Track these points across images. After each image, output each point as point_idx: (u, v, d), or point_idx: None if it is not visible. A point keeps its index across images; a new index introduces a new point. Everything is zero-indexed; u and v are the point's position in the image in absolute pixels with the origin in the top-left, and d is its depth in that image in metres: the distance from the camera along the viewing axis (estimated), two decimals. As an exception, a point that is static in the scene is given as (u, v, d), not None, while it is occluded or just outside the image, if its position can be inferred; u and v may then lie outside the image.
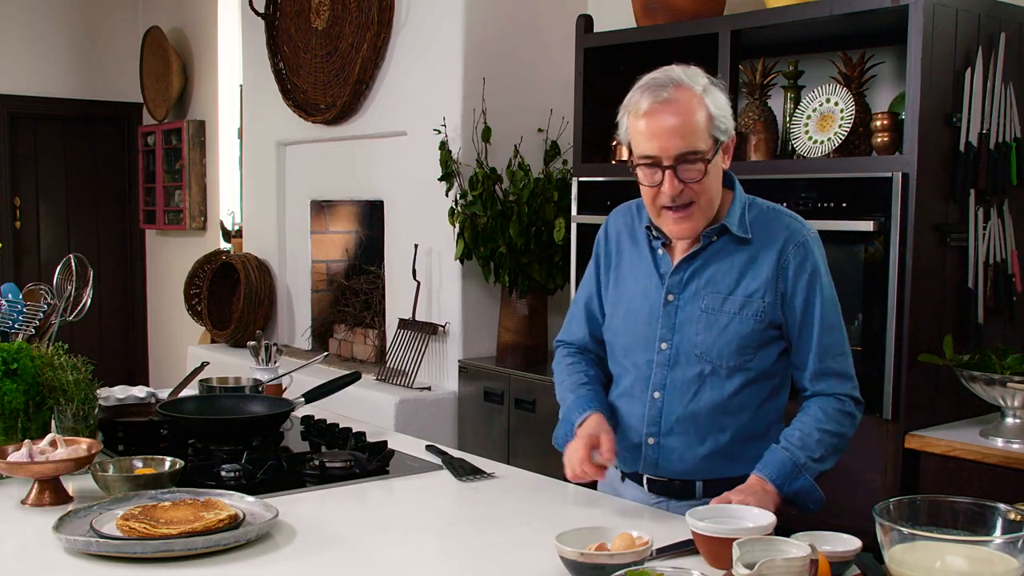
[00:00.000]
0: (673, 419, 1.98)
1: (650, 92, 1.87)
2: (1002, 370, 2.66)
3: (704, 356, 1.94)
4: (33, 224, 6.98)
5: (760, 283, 1.92)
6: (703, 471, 1.99)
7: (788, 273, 1.92)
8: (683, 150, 1.85)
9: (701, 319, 1.95)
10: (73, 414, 2.19)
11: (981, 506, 1.52)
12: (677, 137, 1.85)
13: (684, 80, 1.88)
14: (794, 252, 1.93)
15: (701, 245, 1.96)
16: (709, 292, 1.95)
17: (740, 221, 1.95)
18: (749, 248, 1.94)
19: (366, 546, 1.78)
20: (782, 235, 1.94)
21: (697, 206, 1.90)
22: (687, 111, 1.85)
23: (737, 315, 1.93)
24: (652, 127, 1.86)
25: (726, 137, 1.91)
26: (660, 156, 1.86)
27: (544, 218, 4.05)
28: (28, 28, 6.75)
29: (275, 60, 5.27)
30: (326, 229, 5.38)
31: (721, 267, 1.95)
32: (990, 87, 2.87)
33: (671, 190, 1.87)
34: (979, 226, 2.89)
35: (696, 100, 1.87)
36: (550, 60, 4.36)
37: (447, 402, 4.29)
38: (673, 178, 1.86)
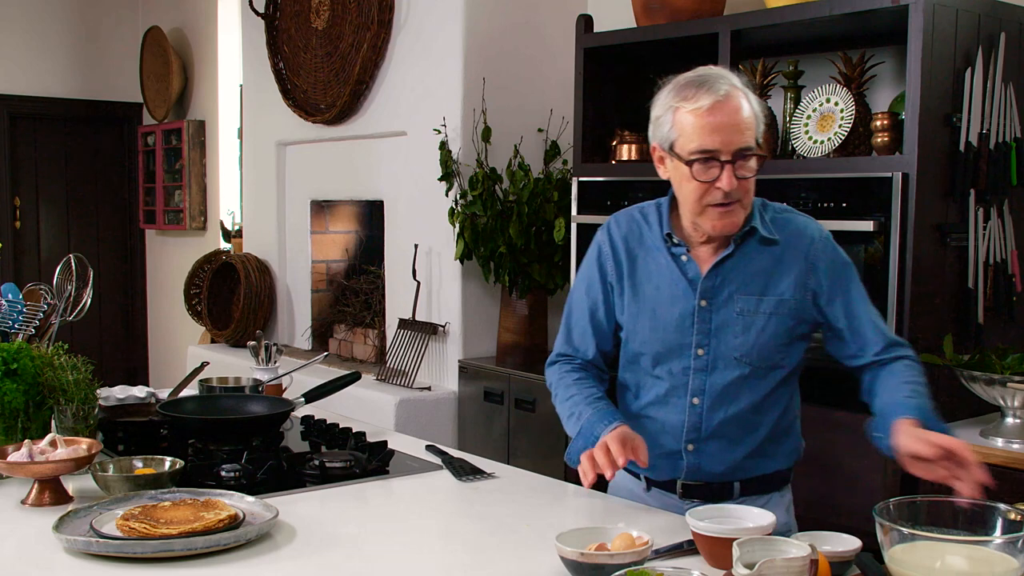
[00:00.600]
0: (714, 424, 1.97)
1: (707, 88, 1.88)
2: (1002, 370, 2.66)
3: (744, 359, 1.96)
4: (33, 224, 6.98)
5: (790, 281, 1.95)
6: (741, 471, 2.00)
7: (819, 269, 1.96)
8: (742, 145, 1.87)
9: (738, 322, 1.95)
10: (73, 414, 2.19)
11: (981, 506, 1.52)
12: (738, 132, 1.87)
13: (733, 80, 1.92)
14: (822, 248, 1.97)
15: (731, 249, 1.96)
16: (743, 295, 1.96)
17: (763, 223, 1.98)
18: (775, 248, 1.97)
19: (366, 546, 1.78)
20: (803, 234, 1.98)
21: (740, 204, 1.92)
22: (743, 108, 1.89)
23: (773, 315, 1.95)
24: (715, 122, 1.86)
25: (760, 139, 1.94)
26: (720, 150, 1.87)
27: (544, 218, 4.05)
28: (28, 28, 6.75)
29: (275, 60, 5.27)
30: (326, 229, 5.38)
31: (751, 269, 1.96)
32: (990, 87, 2.87)
33: (728, 185, 1.87)
34: (979, 226, 2.89)
35: (745, 99, 1.91)
36: (550, 60, 4.36)
37: (447, 402, 4.29)
38: (731, 173, 1.87)
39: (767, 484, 2.04)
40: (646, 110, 1.99)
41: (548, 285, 4.14)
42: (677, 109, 1.90)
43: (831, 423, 2.91)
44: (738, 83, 1.92)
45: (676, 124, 1.91)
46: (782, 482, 2.08)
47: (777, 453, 2.03)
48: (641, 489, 2.08)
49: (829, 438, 2.91)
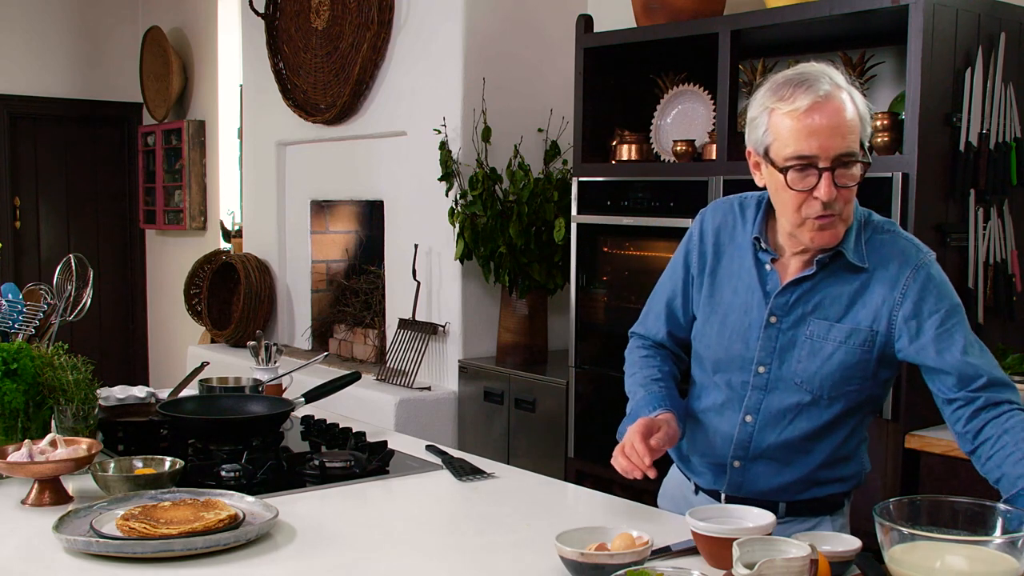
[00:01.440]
0: (763, 445, 1.88)
1: (806, 88, 1.72)
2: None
3: (804, 385, 1.84)
4: (33, 224, 6.98)
5: (871, 312, 1.80)
6: (787, 494, 1.91)
7: (908, 299, 1.78)
8: (843, 151, 1.72)
9: (805, 346, 1.83)
10: (73, 414, 2.19)
11: (981, 506, 1.52)
12: (838, 136, 1.72)
13: (836, 77, 1.76)
14: (913, 277, 1.79)
15: (814, 269, 1.82)
16: (816, 318, 1.83)
17: (856, 246, 1.82)
18: (862, 275, 1.82)
19: (366, 546, 1.78)
20: (898, 260, 1.81)
21: (839, 217, 1.77)
22: (845, 109, 1.73)
23: (843, 344, 1.81)
24: (812, 125, 1.72)
25: (868, 145, 1.79)
26: (818, 156, 1.72)
27: (544, 218, 4.05)
28: (28, 28, 6.75)
29: (275, 60, 5.27)
30: (326, 229, 5.38)
31: (831, 292, 1.82)
32: (990, 87, 2.87)
33: (827, 195, 1.72)
34: (979, 226, 2.89)
35: (849, 100, 1.74)
36: (550, 60, 4.36)
37: (447, 402, 4.29)
38: (830, 181, 1.72)
39: (816, 507, 1.92)
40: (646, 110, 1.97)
41: (548, 285, 4.14)
42: (773, 111, 1.76)
43: (831, 423, 2.91)
44: (842, 81, 1.76)
45: (771, 127, 1.77)
46: (834, 506, 1.95)
47: (831, 479, 1.91)
48: (690, 492, 2.02)
49: (829, 438, 2.91)
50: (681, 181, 3.34)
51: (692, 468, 2.01)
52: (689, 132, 3.54)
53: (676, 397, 1.96)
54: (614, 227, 3.56)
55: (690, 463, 2.01)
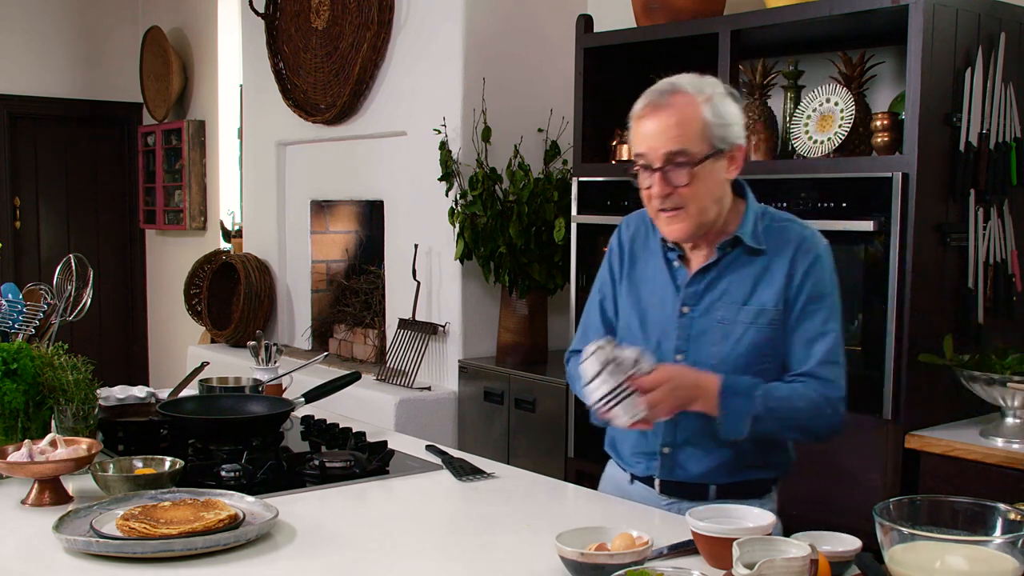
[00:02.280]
0: (688, 431, 1.97)
1: (648, 95, 1.91)
2: (1002, 370, 2.66)
3: (719, 367, 1.92)
4: (33, 224, 6.98)
5: (773, 292, 1.93)
6: (717, 476, 1.98)
7: (795, 278, 1.93)
8: (669, 149, 1.86)
9: (717, 330, 1.94)
10: (73, 414, 2.19)
11: (981, 506, 1.52)
12: (665, 137, 1.87)
13: (685, 87, 1.90)
14: (803, 257, 1.93)
15: (716, 257, 1.96)
16: (724, 303, 1.95)
17: (753, 232, 1.95)
18: (762, 258, 1.95)
19: (366, 546, 1.78)
20: (793, 243, 1.95)
21: (686, 211, 1.90)
22: (680, 115, 1.87)
23: (752, 325, 1.93)
24: (645, 128, 1.90)
25: (726, 146, 1.90)
26: (649, 155, 1.89)
27: (544, 218, 4.05)
28: (28, 28, 6.75)
29: (275, 60, 5.27)
30: (326, 229, 5.38)
31: (735, 278, 1.95)
32: (990, 87, 2.87)
33: (659, 191, 1.89)
34: (979, 226, 2.89)
35: (693, 106, 1.88)
36: (550, 60, 4.36)
37: (447, 402, 4.29)
38: (661, 180, 1.88)
39: (746, 491, 1.99)
40: None
41: (548, 285, 4.14)
42: (631, 116, 1.94)
43: (831, 423, 2.91)
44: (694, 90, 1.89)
45: (630, 133, 1.96)
46: (763, 491, 2.04)
47: (758, 464, 1.99)
48: (626, 482, 2.11)
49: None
50: (681, 181, 3.33)
51: (625, 459, 2.10)
52: (689, 132, 3.53)
53: None
54: (614, 227, 3.54)
55: (622, 455, 2.10)
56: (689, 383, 1.85)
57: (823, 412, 1.92)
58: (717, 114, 1.89)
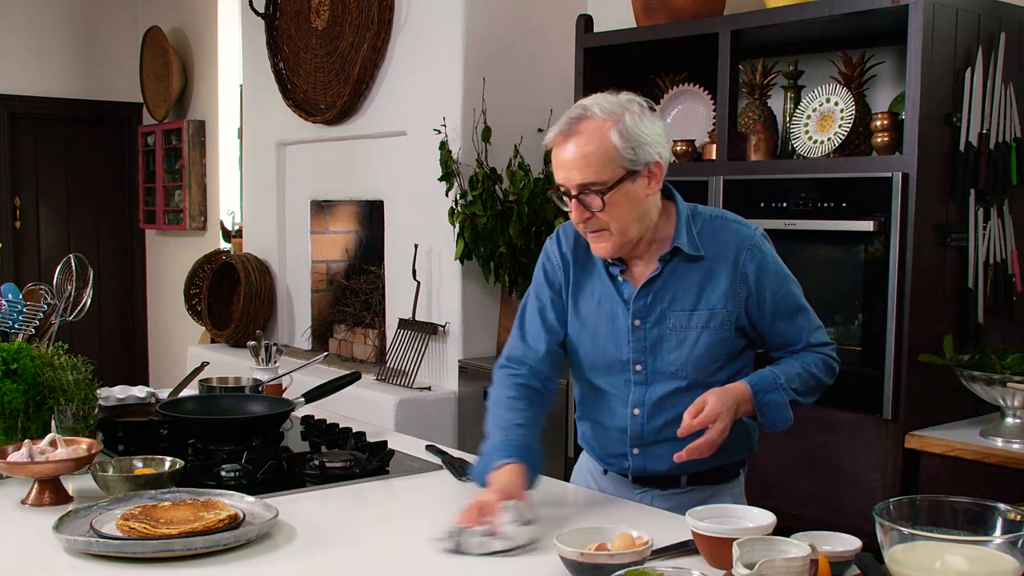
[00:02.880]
0: (655, 431, 2.03)
1: (560, 123, 1.92)
2: (1002, 370, 2.66)
3: (679, 372, 2.00)
4: (33, 224, 6.98)
5: (721, 293, 1.98)
6: (687, 467, 2.03)
7: (749, 278, 1.98)
8: (581, 181, 1.89)
9: (671, 338, 2.00)
10: (73, 414, 2.19)
11: (981, 506, 1.52)
12: (575, 169, 1.89)
13: (593, 111, 1.90)
14: (749, 257, 1.98)
15: (658, 270, 1.99)
16: (673, 311, 1.99)
17: (689, 239, 1.99)
18: (704, 262, 1.99)
19: (366, 546, 1.78)
20: (733, 243, 1.99)
21: (608, 231, 1.94)
22: (587, 142, 1.88)
23: (705, 328, 1.98)
24: (557, 158, 1.92)
25: (639, 167, 1.90)
26: (565, 185, 1.92)
27: (544, 218, 4.05)
28: (28, 28, 6.75)
29: (275, 60, 5.27)
30: (326, 229, 5.38)
31: (680, 285, 1.99)
32: (990, 87, 2.87)
33: (577, 217, 1.94)
34: (979, 226, 2.89)
35: (600, 131, 1.88)
36: (550, 60, 4.36)
37: (447, 402, 4.29)
38: (579, 206, 1.92)
39: (715, 476, 2.08)
40: None
41: (548, 285, 4.14)
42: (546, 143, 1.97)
43: (831, 423, 2.91)
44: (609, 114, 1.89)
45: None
46: (732, 475, 2.12)
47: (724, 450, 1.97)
48: (599, 472, 2.18)
49: (829, 438, 2.92)
50: (681, 181, 3.31)
51: (599, 456, 2.17)
52: (689, 132, 3.54)
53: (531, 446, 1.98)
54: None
55: (595, 452, 2.18)
56: (731, 399, 1.91)
57: (832, 368, 2.06)
58: (627, 136, 1.89)
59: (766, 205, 3.06)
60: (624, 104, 1.92)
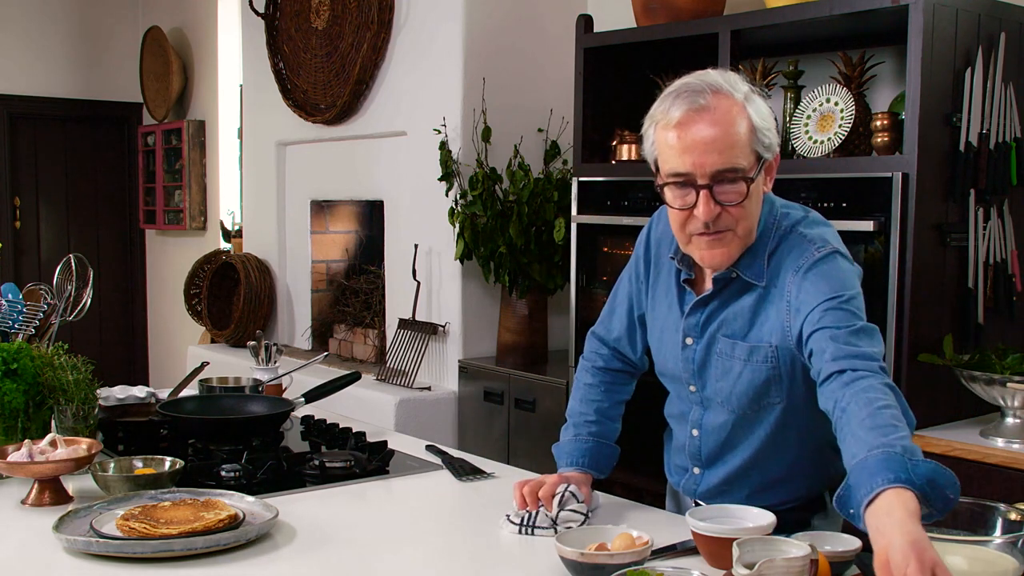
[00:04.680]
0: (714, 457, 1.87)
1: (684, 99, 1.63)
2: (1002, 370, 2.66)
3: (725, 404, 1.79)
4: (33, 224, 6.98)
5: (769, 326, 1.71)
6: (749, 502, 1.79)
7: (791, 298, 1.68)
8: (721, 167, 1.61)
9: (717, 365, 1.77)
10: (73, 414, 2.19)
11: (981, 506, 1.52)
12: (715, 152, 1.61)
13: (723, 86, 1.65)
14: (794, 279, 1.68)
15: (714, 289, 1.75)
16: (722, 336, 1.76)
17: (754, 262, 1.72)
18: (761, 288, 1.73)
19: (366, 546, 1.78)
20: (789, 268, 1.69)
21: (733, 233, 1.67)
22: (726, 121, 1.62)
23: (748, 362, 1.73)
24: (685, 140, 1.62)
25: (770, 154, 1.68)
26: (694, 174, 1.62)
27: (544, 218, 4.05)
28: (28, 28, 6.76)
29: (275, 60, 5.27)
30: (326, 229, 5.38)
31: (734, 309, 1.75)
32: (990, 87, 2.87)
33: (706, 214, 1.63)
34: (979, 226, 2.89)
35: (737, 109, 1.63)
36: (550, 60, 4.36)
37: (447, 402, 4.29)
38: (709, 199, 1.63)
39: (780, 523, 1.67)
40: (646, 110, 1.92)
41: (548, 285, 4.14)
42: (656, 123, 1.68)
43: (831, 423, 2.91)
44: (731, 88, 1.66)
45: (655, 140, 1.69)
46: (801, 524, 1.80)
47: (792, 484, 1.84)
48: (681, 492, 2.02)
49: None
50: (681, 181, 3.34)
51: (669, 467, 2.04)
52: (689, 132, 3.54)
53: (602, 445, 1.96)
54: (614, 227, 3.56)
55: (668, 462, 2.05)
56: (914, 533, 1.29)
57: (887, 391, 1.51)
58: (761, 116, 1.66)
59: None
60: (745, 81, 1.69)
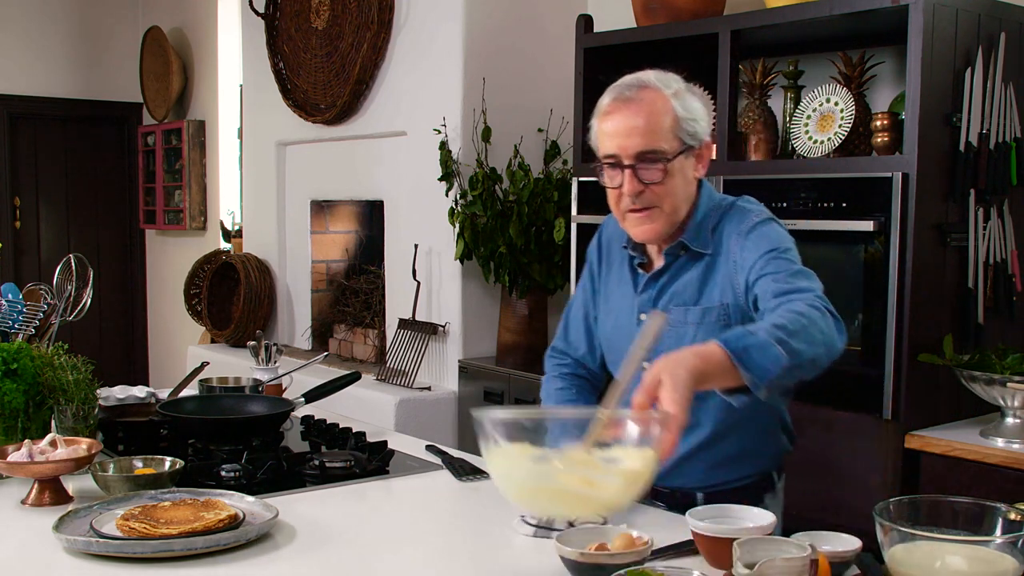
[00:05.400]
0: None
1: (614, 91, 1.87)
2: (1002, 370, 2.66)
3: None
4: (33, 224, 6.98)
5: (718, 288, 1.88)
6: (698, 480, 1.96)
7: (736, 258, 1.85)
8: (642, 148, 1.83)
9: (670, 335, 1.87)
10: (73, 414, 2.19)
11: (981, 506, 1.52)
12: (637, 135, 1.82)
13: (653, 82, 1.86)
14: (737, 241, 1.87)
15: (665, 263, 1.94)
16: (674, 307, 1.92)
17: (699, 233, 1.91)
18: (708, 257, 1.91)
19: (366, 546, 1.78)
20: (733, 231, 1.89)
21: (660, 210, 1.87)
22: (650, 111, 1.83)
23: (700, 325, 1.88)
24: (613, 125, 1.85)
25: (696, 142, 1.87)
26: (620, 155, 1.84)
27: (544, 218, 4.06)
28: (28, 28, 6.76)
29: (275, 60, 5.27)
30: (326, 229, 5.38)
31: (684, 280, 1.92)
32: (990, 87, 2.87)
33: (631, 189, 1.85)
34: (979, 226, 2.89)
35: (662, 100, 1.84)
36: (550, 60, 4.36)
37: (447, 402, 4.29)
38: (633, 177, 1.84)
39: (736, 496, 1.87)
40: None
41: (548, 285, 4.14)
42: (594, 116, 1.90)
43: (831, 423, 2.91)
44: (660, 84, 1.85)
45: (594, 129, 1.91)
46: (755, 497, 1.93)
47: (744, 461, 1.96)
48: None
49: (829, 438, 2.92)
50: (681, 181, 3.34)
51: None
52: (689, 132, 3.53)
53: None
54: (614, 227, 3.56)
55: None
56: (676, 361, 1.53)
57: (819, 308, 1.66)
58: (687, 108, 1.86)
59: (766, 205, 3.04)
60: (676, 79, 1.89)
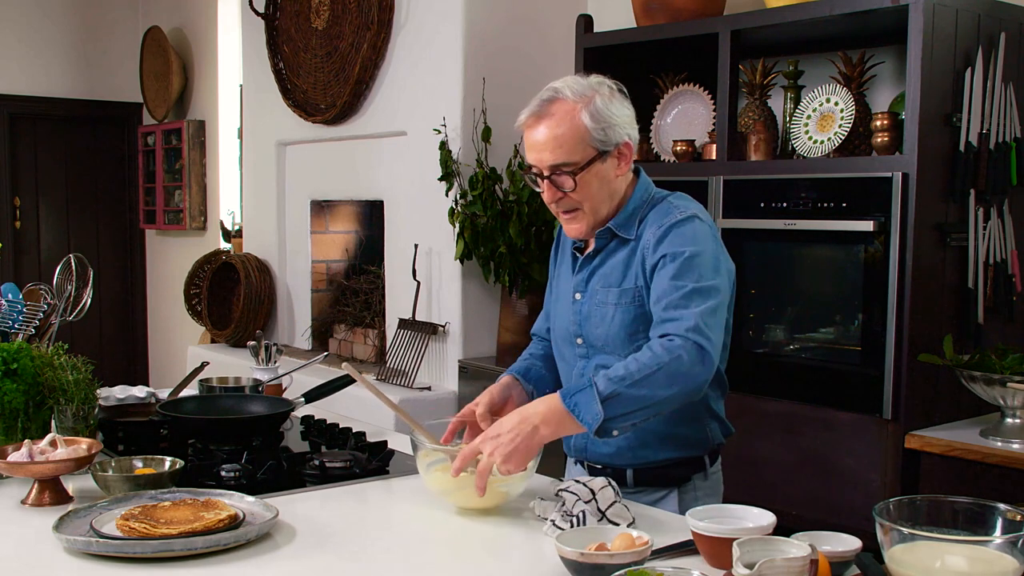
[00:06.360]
0: None
1: (531, 106, 1.99)
2: (1002, 370, 2.66)
3: (603, 347, 2.04)
4: (33, 224, 6.98)
5: (635, 271, 2.00)
6: (627, 458, 2.07)
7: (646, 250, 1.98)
8: (553, 162, 1.95)
9: (597, 312, 2.05)
10: (73, 414, 2.19)
11: (981, 506, 1.52)
12: (547, 150, 1.95)
13: (564, 93, 1.96)
14: (654, 232, 1.97)
15: (596, 247, 2.06)
16: (602, 287, 2.05)
17: (628, 221, 2.02)
18: (632, 243, 2.03)
19: (366, 546, 1.78)
20: (656, 223, 1.99)
21: (582, 211, 2.00)
22: (558, 124, 1.94)
23: (619, 304, 2.01)
24: (529, 139, 1.99)
25: (609, 147, 1.97)
26: (537, 166, 1.98)
27: (544, 218, 4.05)
28: (28, 28, 6.76)
29: (275, 60, 5.27)
30: (326, 229, 5.38)
31: (612, 263, 2.04)
32: (990, 87, 2.87)
33: (549, 197, 2.00)
34: (979, 226, 2.89)
35: (571, 113, 1.94)
36: (550, 60, 4.36)
37: (447, 402, 4.29)
38: (550, 187, 1.98)
39: (662, 478, 2.07)
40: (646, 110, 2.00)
41: (548, 285, 4.14)
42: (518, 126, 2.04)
43: (831, 423, 2.91)
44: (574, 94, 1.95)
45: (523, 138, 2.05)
46: (681, 479, 2.08)
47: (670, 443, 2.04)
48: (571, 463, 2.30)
49: (829, 438, 2.92)
50: (681, 181, 3.33)
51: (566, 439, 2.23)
52: (689, 132, 3.54)
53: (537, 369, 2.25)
54: (614, 227, 3.56)
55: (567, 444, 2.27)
56: (514, 421, 1.86)
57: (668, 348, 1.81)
58: (598, 118, 1.95)
59: (766, 205, 3.06)
60: (594, 86, 1.99)
